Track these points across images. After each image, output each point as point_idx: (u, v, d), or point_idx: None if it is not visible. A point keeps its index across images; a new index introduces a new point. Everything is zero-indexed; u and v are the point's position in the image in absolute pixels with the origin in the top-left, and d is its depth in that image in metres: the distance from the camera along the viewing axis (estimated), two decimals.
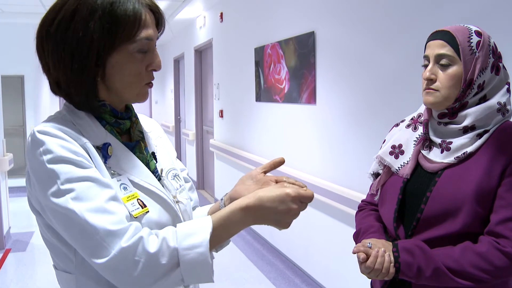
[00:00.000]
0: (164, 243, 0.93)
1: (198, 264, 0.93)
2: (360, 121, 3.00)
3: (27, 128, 7.78)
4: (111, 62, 1.03)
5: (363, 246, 1.37)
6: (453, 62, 1.37)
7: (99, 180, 0.97)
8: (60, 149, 0.96)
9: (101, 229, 0.91)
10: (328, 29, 3.35)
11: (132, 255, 0.91)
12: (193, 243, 0.93)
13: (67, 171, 0.94)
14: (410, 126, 1.54)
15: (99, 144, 1.04)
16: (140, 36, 1.03)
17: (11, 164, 5.28)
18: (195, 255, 0.92)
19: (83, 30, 0.99)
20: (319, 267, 3.70)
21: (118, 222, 0.93)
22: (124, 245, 0.90)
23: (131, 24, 1.01)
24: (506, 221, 1.29)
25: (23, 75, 7.73)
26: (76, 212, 0.92)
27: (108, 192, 0.96)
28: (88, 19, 0.99)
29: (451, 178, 1.36)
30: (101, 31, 0.99)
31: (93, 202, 0.93)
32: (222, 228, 0.98)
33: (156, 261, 0.91)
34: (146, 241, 0.92)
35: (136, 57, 1.05)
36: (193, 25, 7.34)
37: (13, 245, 5.11)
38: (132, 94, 1.08)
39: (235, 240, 5.03)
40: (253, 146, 4.98)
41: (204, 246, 0.93)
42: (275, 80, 4.28)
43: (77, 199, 0.93)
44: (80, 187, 0.94)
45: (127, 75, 1.05)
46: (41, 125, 1.00)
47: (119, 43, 1.01)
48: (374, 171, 1.61)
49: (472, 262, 1.29)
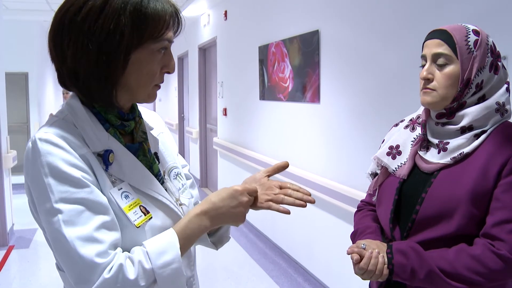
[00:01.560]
0: (140, 266, 0.96)
1: (174, 279, 0.99)
2: (364, 120, 3.00)
3: (31, 125, 7.80)
4: (133, 59, 1.02)
5: (357, 247, 1.36)
6: (450, 61, 1.35)
7: (93, 203, 0.97)
8: (60, 162, 0.95)
9: (88, 260, 0.93)
10: (333, 28, 3.34)
11: (114, 284, 0.93)
12: (166, 261, 0.98)
13: (63, 190, 0.94)
14: (408, 127, 1.53)
15: (100, 150, 1.03)
16: (165, 36, 1.04)
17: (15, 161, 5.29)
18: (171, 271, 0.98)
19: (114, 23, 0.97)
20: (321, 266, 3.70)
21: (104, 253, 0.94)
22: (107, 276, 0.93)
23: (159, 22, 1.02)
24: (501, 223, 1.26)
25: (27, 72, 7.75)
26: (66, 237, 0.93)
27: (99, 218, 0.96)
28: (120, 13, 0.98)
29: (446, 179, 1.35)
30: (131, 26, 0.98)
31: (83, 229, 0.94)
32: (185, 237, 1.05)
33: (136, 286, 0.95)
34: (125, 268, 0.95)
35: (156, 56, 1.05)
36: (198, 23, 7.34)
37: (17, 242, 5.12)
38: (144, 94, 1.08)
39: (238, 239, 5.03)
40: (256, 145, 4.97)
41: (177, 262, 0.99)
42: (279, 78, 4.27)
43: (68, 223, 0.94)
44: (73, 210, 0.94)
45: (144, 74, 1.04)
46: (42, 131, 0.99)
47: (146, 40, 1.01)
48: (372, 171, 1.60)
49: (467, 265, 1.27)
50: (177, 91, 9.39)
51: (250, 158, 4.97)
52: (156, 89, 1.10)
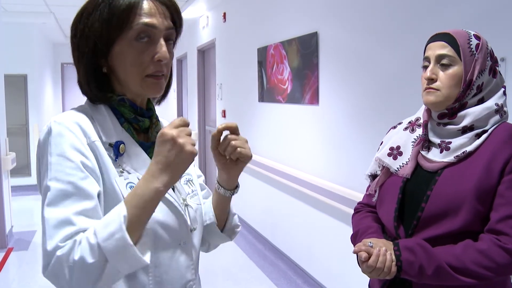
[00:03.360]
0: (86, 242, 0.92)
1: (121, 250, 0.91)
2: (363, 122, 3.00)
3: (30, 127, 7.79)
4: (114, 53, 1.06)
5: (364, 245, 1.37)
6: (454, 62, 1.40)
7: (82, 189, 0.97)
8: (65, 144, 1.00)
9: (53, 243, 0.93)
10: (331, 30, 3.35)
11: (66, 262, 0.92)
12: (109, 232, 0.91)
13: (59, 169, 0.98)
14: (408, 129, 1.56)
15: (112, 141, 1.07)
16: (137, 23, 1.04)
17: (13, 163, 5.28)
18: (115, 242, 0.90)
19: (85, 23, 1.06)
20: (321, 268, 3.70)
21: (72, 235, 0.93)
22: (59, 254, 0.92)
23: (126, 12, 1.04)
24: (506, 218, 1.30)
25: (26, 74, 7.74)
26: (44, 216, 0.96)
27: (82, 205, 0.96)
28: (91, 13, 1.06)
29: (451, 176, 1.38)
30: (99, 22, 1.04)
31: (62, 211, 0.95)
32: (135, 205, 0.95)
33: (84, 263, 0.90)
34: (75, 246, 0.92)
35: (134, 45, 1.05)
36: (196, 25, 7.34)
37: (16, 244, 5.12)
38: (136, 85, 1.09)
39: (237, 241, 5.03)
40: (255, 147, 4.98)
41: (121, 231, 0.91)
42: (278, 80, 4.28)
43: (52, 202, 0.96)
44: (61, 190, 0.96)
45: (128, 65, 1.06)
46: (60, 115, 1.05)
47: (117, 32, 1.05)
48: (371, 172, 1.61)
49: (474, 260, 1.29)
50: (176, 93, 9.39)
51: None
52: (150, 80, 1.08)
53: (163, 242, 1.09)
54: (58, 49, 10.78)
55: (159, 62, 1.07)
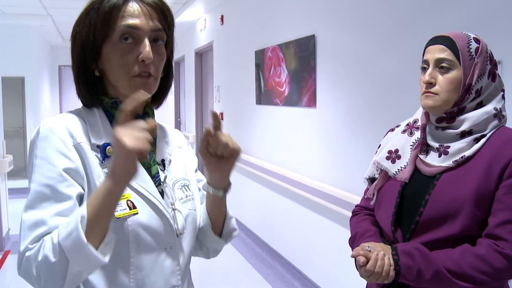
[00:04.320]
0: (50, 242, 0.94)
1: (78, 249, 0.91)
2: (360, 125, 3.00)
3: (27, 130, 7.78)
4: (103, 56, 1.09)
5: (362, 250, 1.36)
6: (453, 67, 1.38)
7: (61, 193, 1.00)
8: (49, 148, 1.02)
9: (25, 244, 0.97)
10: (329, 33, 3.35)
11: (34, 261, 0.95)
12: (68, 231, 0.92)
13: (40, 172, 1.01)
14: (406, 132, 1.55)
15: (100, 143, 1.08)
16: (119, 25, 1.07)
17: (11, 166, 5.27)
18: (71, 241, 0.91)
19: (76, 30, 1.11)
20: (318, 270, 3.70)
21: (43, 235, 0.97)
22: (28, 254, 0.96)
23: (109, 15, 1.07)
24: (504, 223, 1.30)
25: (24, 76, 7.73)
26: (22, 218, 0.99)
27: (61, 206, 1.00)
28: (83, 19, 1.10)
29: (449, 181, 1.37)
30: (87, 27, 1.08)
31: (39, 213, 0.98)
32: (93, 204, 0.94)
33: (48, 262, 0.93)
34: (43, 246, 0.95)
35: (119, 46, 1.07)
36: (194, 27, 7.34)
37: (13, 246, 5.10)
38: (125, 87, 1.09)
39: (235, 243, 5.02)
40: (253, 149, 4.98)
41: (77, 230, 0.91)
42: (276, 83, 4.28)
43: (30, 204, 1.00)
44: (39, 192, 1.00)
45: (115, 66, 1.08)
46: (49, 119, 1.08)
47: (103, 35, 1.08)
48: (370, 175, 1.61)
49: (472, 264, 1.29)
50: (174, 96, 9.39)
51: (246, 162, 4.97)
52: (138, 80, 1.07)
53: (146, 245, 1.09)
54: (55, 52, 10.76)
55: (143, 62, 1.07)
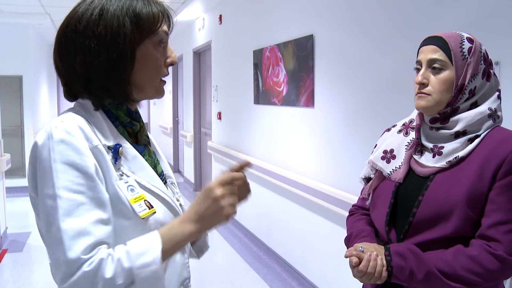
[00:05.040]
0: (119, 265, 0.95)
1: (152, 281, 0.97)
2: (358, 125, 3.01)
3: (25, 129, 7.77)
4: (138, 56, 1.08)
5: (355, 250, 1.37)
6: (445, 67, 1.38)
7: (95, 197, 0.98)
8: (70, 151, 0.98)
9: (73, 254, 0.93)
10: (327, 32, 3.36)
11: (93, 278, 0.93)
12: (146, 262, 0.96)
13: (68, 178, 0.96)
14: (402, 132, 1.55)
15: (110, 144, 1.07)
16: (161, 29, 1.11)
17: (8, 165, 5.27)
18: (149, 273, 0.96)
19: (115, 24, 1.06)
20: (315, 270, 3.70)
21: (91, 247, 0.95)
22: (86, 269, 0.93)
23: (154, 18, 1.10)
24: (497, 224, 1.29)
25: (22, 75, 7.72)
26: (60, 227, 0.94)
27: (97, 213, 0.98)
28: (118, 15, 1.06)
29: (443, 182, 1.37)
30: (130, 25, 1.07)
31: (78, 221, 0.95)
32: (168, 241, 1.01)
33: (112, 283, 0.94)
34: (105, 264, 0.94)
35: (158, 49, 1.11)
36: (192, 27, 7.34)
37: (10, 245, 5.10)
38: (152, 89, 1.13)
39: (232, 243, 5.03)
40: (251, 149, 4.98)
41: (156, 264, 0.97)
42: (274, 82, 4.28)
43: (66, 212, 0.95)
44: (73, 200, 0.96)
45: (150, 68, 1.10)
46: (58, 121, 1.03)
47: (146, 35, 1.09)
48: (365, 175, 1.61)
49: (464, 265, 1.29)
50: (172, 95, 9.39)
51: None
52: (162, 84, 1.15)
53: None
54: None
55: (171, 65, 1.15)
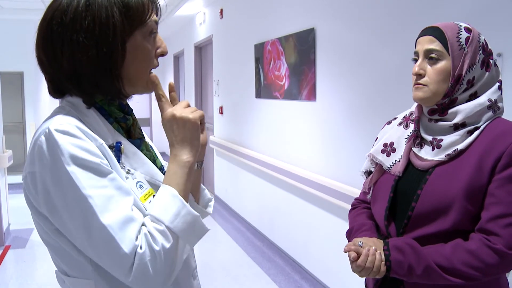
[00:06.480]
0: (157, 232, 0.94)
1: (191, 225, 0.98)
2: (360, 118, 3.00)
3: (27, 125, 7.77)
4: (129, 48, 1.03)
5: (354, 245, 1.37)
6: (441, 57, 1.36)
7: (119, 187, 0.96)
8: (80, 151, 0.94)
9: (129, 244, 0.91)
10: (328, 26, 3.34)
11: (147, 257, 0.92)
12: (174, 212, 0.96)
13: (88, 177, 0.93)
14: (402, 124, 1.54)
15: (110, 143, 1.03)
16: (152, 19, 1.06)
17: (10, 161, 5.27)
18: (183, 219, 0.96)
19: (104, 16, 0.99)
20: (318, 264, 3.71)
21: (138, 231, 0.93)
22: (140, 251, 0.92)
23: (143, 7, 1.04)
24: (496, 218, 1.28)
25: (23, 71, 7.72)
26: (104, 224, 0.91)
27: (128, 200, 0.96)
28: (106, 6, 1.00)
29: (441, 176, 1.36)
30: (119, 15, 1.01)
31: (118, 212, 0.93)
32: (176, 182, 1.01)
33: (165, 251, 0.93)
34: (149, 240, 0.93)
35: (148, 40, 1.06)
36: (193, 21, 7.32)
37: (13, 241, 5.11)
38: (143, 82, 1.08)
39: (235, 237, 5.03)
40: (252, 143, 4.97)
41: (184, 207, 0.98)
42: (275, 76, 4.27)
43: (102, 209, 0.91)
44: (102, 196, 0.92)
45: (141, 59, 1.05)
46: (56, 123, 0.96)
47: (136, 26, 1.03)
48: (366, 169, 1.60)
49: (463, 260, 1.28)
50: None
51: (246, 156, 4.97)
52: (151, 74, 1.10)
53: None
54: None
55: (161, 56, 1.10)
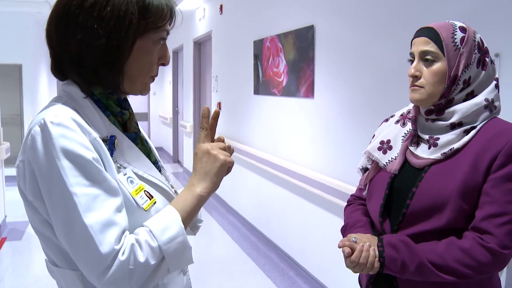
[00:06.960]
0: (148, 246, 0.96)
1: (182, 252, 1.00)
2: (358, 115, 3.01)
3: (25, 117, 7.76)
4: (137, 47, 1.04)
5: (348, 241, 1.38)
6: (437, 59, 1.36)
7: (107, 186, 0.96)
8: (74, 145, 0.93)
9: (107, 247, 0.91)
10: (328, 23, 3.35)
11: (127, 265, 0.93)
12: (171, 236, 0.99)
13: (77, 174, 0.93)
14: (399, 122, 1.55)
15: (104, 136, 1.03)
16: (165, 27, 1.08)
17: (7, 153, 5.26)
18: (177, 245, 0.99)
19: (123, 10, 1.01)
20: (313, 260, 3.72)
21: (120, 237, 0.94)
22: (122, 258, 0.92)
23: (161, 13, 1.06)
24: (490, 217, 1.29)
25: (21, 64, 7.70)
26: (85, 223, 0.91)
27: (114, 201, 0.96)
28: (128, 1, 1.01)
29: (437, 174, 1.37)
30: (138, 14, 1.02)
31: (101, 213, 0.93)
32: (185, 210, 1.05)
33: (147, 265, 0.95)
34: (136, 249, 0.94)
35: (156, 46, 1.08)
36: (193, 17, 7.32)
37: (9, 234, 5.12)
38: (141, 84, 1.10)
39: (231, 233, 5.04)
40: (250, 139, 4.98)
41: (182, 235, 1.00)
42: (274, 73, 4.28)
43: (85, 207, 0.92)
44: (88, 194, 0.93)
45: (145, 62, 1.07)
46: (51, 114, 0.96)
47: (150, 29, 1.05)
48: (362, 166, 1.61)
49: (456, 258, 1.29)
50: (172, 85, 9.37)
51: (243, 152, 4.98)
52: (150, 81, 1.12)
53: None
54: None
55: (162, 65, 1.13)
